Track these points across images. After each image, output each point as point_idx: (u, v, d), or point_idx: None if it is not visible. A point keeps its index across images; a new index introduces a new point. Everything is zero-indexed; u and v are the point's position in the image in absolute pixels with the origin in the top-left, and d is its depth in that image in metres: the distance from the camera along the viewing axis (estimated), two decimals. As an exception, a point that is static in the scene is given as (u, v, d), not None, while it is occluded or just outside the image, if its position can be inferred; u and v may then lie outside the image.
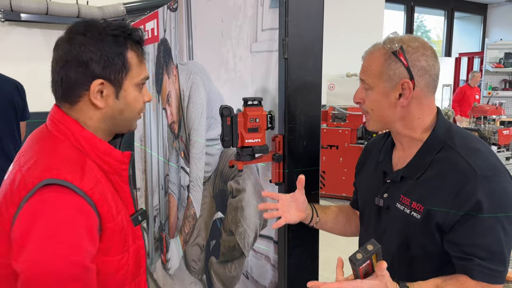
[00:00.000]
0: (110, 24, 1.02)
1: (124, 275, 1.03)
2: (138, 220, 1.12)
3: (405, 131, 1.15)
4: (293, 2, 1.29)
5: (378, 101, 1.12)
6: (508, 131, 5.28)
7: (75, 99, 1.01)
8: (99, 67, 0.99)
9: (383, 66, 1.10)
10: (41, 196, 0.88)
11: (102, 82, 0.99)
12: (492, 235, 1.00)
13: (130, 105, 1.05)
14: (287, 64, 1.30)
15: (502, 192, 1.02)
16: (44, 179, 0.89)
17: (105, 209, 0.96)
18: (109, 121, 1.05)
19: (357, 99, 1.17)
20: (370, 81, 1.12)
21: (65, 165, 0.93)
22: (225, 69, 1.73)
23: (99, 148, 1.02)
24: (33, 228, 0.86)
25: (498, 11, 10.54)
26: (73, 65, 0.98)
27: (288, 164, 1.35)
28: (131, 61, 1.02)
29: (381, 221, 1.21)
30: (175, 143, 2.42)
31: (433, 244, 1.07)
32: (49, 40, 5.12)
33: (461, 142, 1.09)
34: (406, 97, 1.09)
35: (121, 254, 1.02)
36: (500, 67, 8.25)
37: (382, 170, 1.24)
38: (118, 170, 1.06)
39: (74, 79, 0.99)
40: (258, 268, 1.58)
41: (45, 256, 0.84)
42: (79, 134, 1.00)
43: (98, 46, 0.98)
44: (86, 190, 0.92)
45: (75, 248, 0.87)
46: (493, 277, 1.01)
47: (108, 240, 0.97)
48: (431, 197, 1.06)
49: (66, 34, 1.01)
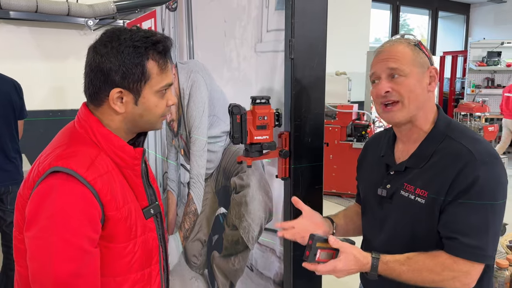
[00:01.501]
0: (135, 34, 1.08)
1: (130, 262, 1.10)
2: (150, 213, 1.18)
3: (421, 122, 1.23)
4: (299, 5, 1.34)
5: (414, 85, 1.18)
6: (493, 127, 5.45)
7: (99, 102, 1.10)
8: (118, 77, 1.06)
9: (413, 54, 1.19)
10: (49, 181, 0.98)
11: (120, 90, 1.07)
12: (481, 216, 1.09)
13: (150, 110, 1.12)
14: (293, 64, 1.36)
15: (496, 178, 1.11)
16: (52, 166, 0.99)
17: (108, 198, 1.03)
18: (130, 123, 1.13)
19: (386, 88, 1.19)
20: (404, 67, 1.18)
21: (74, 156, 1.02)
22: (228, 68, 1.78)
23: (114, 144, 1.09)
24: (39, 209, 0.97)
25: (481, 10, 10.77)
26: (96, 74, 1.07)
27: (294, 160, 1.41)
28: (151, 70, 1.08)
29: (383, 210, 1.29)
30: (174, 141, 2.46)
31: (437, 227, 1.15)
32: (38, 38, 5.12)
33: (461, 134, 1.18)
34: (435, 81, 1.20)
35: (126, 243, 1.09)
36: (483, 66, 8.45)
37: (385, 163, 1.31)
38: (131, 165, 1.13)
39: (97, 86, 1.08)
40: (263, 260, 1.64)
41: (45, 235, 0.95)
42: (97, 130, 1.09)
43: (117, 57, 1.05)
44: (90, 180, 1.00)
45: (73, 231, 0.96)
46: (470, 253, 1.09)
47: (112, 228, 1.05)
48: (434, 183, 1.14)
49: (93, 43, 1.10)
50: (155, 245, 1.20)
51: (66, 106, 5.29)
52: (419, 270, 1.11)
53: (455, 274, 1.10)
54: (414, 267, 1.11)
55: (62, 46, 5.23)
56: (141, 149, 1.16)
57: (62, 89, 5.29)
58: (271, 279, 1.61)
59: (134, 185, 1.14)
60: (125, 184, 1.11)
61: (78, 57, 5.34)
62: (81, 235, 0.97)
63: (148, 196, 1.19)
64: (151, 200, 1.20)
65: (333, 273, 1.14)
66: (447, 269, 1.10)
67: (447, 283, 1.11)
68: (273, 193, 1.55)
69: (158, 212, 1.22)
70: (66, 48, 5.26)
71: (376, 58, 1.24)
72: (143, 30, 1.12)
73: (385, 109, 1.22)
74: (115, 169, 1.09)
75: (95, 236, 1.01)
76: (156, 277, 1.21)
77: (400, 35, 1.26)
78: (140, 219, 1.13)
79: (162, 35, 1.12)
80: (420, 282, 1.12)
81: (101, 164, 1.05)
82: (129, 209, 1.09)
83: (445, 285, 1.11)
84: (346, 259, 1.12)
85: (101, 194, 1.01)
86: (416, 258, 1.13)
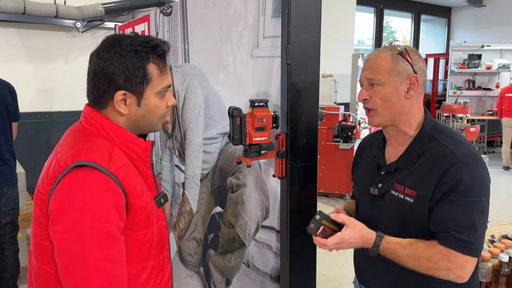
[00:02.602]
0: (135, 40, 1.15)
1: (149, 249, 1.17)
2: (161, 202, 1.26)
3: (403, 127, 1.31)
4: (294, 13, 1.42)
5: (389, 94, 1.28)
6: (474, 128, 5.63)
7: (103, 105, 1.16)
8: (121, 80, 1.12)
9: (392, 63, 1.27)
10: (74, 174, 1.03)
11: (124, 93, 1.13)
12: (467, 212, 1.18)
13: (152, 111, 1.18)
14: (290, 69, 1.44)
15: (479, 177, 1.20)
16: (75, 161, 1.03)
17: (131, 188, 1.09)
18: (133, 124, 1.19)
19: (364, 96, 1.32)
20: (380, 77, 1.28)
21: (94, 150, 1.07)
22: (224, 72, 1.85)
23: (126, 137, 1.15)
24: (68, 201, 1.01)
25: (461, 14, 11.05)
26: (101, 78, 1.12)
27: (290, 160, 1.48)
28: (152, 73, 1.15)
29: (376, 207, 1.37)
30: (168, 142, 2.52)
31: (426, 224, 1.24)
32: (25, 40, 5.10)
33: (446, 136, 1.28)
34: (414, 89, 1.27)
35: (146, 230, 1.15)
36: (464, 68, 8.68)
37: (376, 164, 1.40)
38: (142, 156, 1.19)
39: (102, 90, 1.13)
40: (260, 256, 1.71)
41: (78, 225, 0.99)
42: (107, 126, 1.14)
43: (120, 61, 1.11)
44: (113, 171, 1.05)
45: (103, 219, 1.01)
46: (463, 247, 1.18)
47: (134, 216, 1.11)
48: (421, 183, 1.24)
49: (96, 49, 1.15)
50: (166, 233, 1.28)
51: (54, 108, 5.28)
52: (418, 256, 1.19)
53: (451, 266, 1.18)
54: (414, 252, 1.20)
55: (50, 48, 5.22)
56: (151, 141, 1.23)
57: (50, 91, 5.28)
58: (268, 274, 1.68)
59: (145, 176, 1.21)
60: (138, 175, 1.18)
61: (66, 59, 5.36)
62: (111, 222, 1.02)
63: (157, 186, 1.26)
64: (158, 190, 1.27)
65: (341, 243, 1.22)
66: (444, 260, 1.18)
67: (441, 273, 1.19)
68: (269, 192, 1.63)
69: (167, 201, 1.29)
70: (54, 50, 5.25)
71: (362, 66, 1.36)
72: (142, 36, 1.18)
73: (366, 113, 1.36)
74: (129, 162, 1.15)
75: (121, 224, 1.06)
76: (168, 263, 1.30)
77: (388, 43, 1.35)
78: (154, 208, 1.20)
79: (160, 39, 1.19)
80: (417, 267, 1.21)
81: (118, 157, 1.11)
82: (146, 198, 1.16)
83: (439, 274, 1.20)
84: (352, 231, 1.22)
85: (124, 184, 1.07)
86: (417, 244, 1.21)
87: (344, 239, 1.21)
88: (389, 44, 1.34)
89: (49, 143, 5.24)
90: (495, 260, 1.59)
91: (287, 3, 1.41)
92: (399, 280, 1.33)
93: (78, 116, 1.22)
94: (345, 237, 1.21)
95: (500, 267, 1.55)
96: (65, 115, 5.27)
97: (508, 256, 1.54)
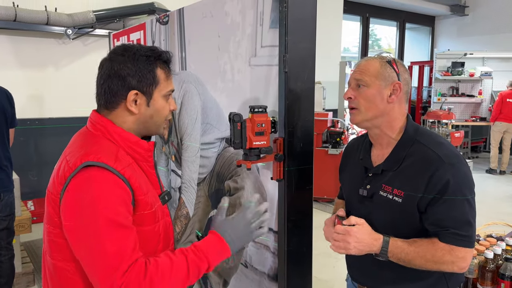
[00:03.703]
0: (143, 47, 1.26)
1: (157, 244, 1.25)
2: (165, 199, 1.34)
3: (386, 129, 1.41)
4: (291, 24, 1.50)
5: (373, 95, 1.38)
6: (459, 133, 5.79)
7: (114, 106, 1.24)
8: (134, 81, 1.21)
9: (380, 68, 1.38)
10: (84, 174, 1.11)
11: (136, 92, 1.22)
12: (460, 209, 1.28)
13: (158, 112, 1.28)
14: (287, 77, 1.52)
15: (464, 176, 1.31)
16: (84, 161, 1.11)
17: (137, 185, 1.17)
18: (141, 124, 1.27)
19: (349, 94, 1.43)
20: (367, 79, 1.39)
21: (100, 152, 1.15)
22: (222, 80, 1.92)
23: (130, 140, 1.24)
24: (79, 199, 1.09)
25: (445, 23, 11.34)
26: (114, 79, 1.21)
27: (288, 163, 1.56)
28: (160, 76, 1.25)
29: (365, 208, 1.45)
30: (164, 147, 2.57)
31: (415, 222, 1.33)
32: (16, 47, 5.12)
33: (427, 138, 1.38)
34: (396, 95, 1.38)
35: (153, 225, 1.23)
36: (448, 75, 8.90)
37: (363, 166, 1.49)
38: (145, 156, 1.28)
39: (115, 90, 1.22)
40: (258, 256, 1.77)
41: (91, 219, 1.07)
42: (112, 130, 1.23)
43: (134, 64, 1.21)
44: (120, 170, 1.14)
45: (113, 211, 1.08)
46: (461, 241, 1.28)
47: (142, 211, 1.19)
48: (409, 183, 1.32)
49: (108, 55, 1.25)
50: (171, 228, 1.36)
51: (44, 115, 5.28)
52: (423, 252, 1.28)
53: (454, 259, 1.27)
54: (419, 249, 1.28)
55: (40, 55, 5.24)
56: (153, 142, 1.31)
57: (40, 98, 5.29)
58: (266, 274, 1.74)
59: (149, 175, 1.29)
60: (143, 174, 1.26)
61: (56, 66, 5.38)
62: (120, 213, 1.09)
63: (160, 184, 1.34)
64: (162, 188, 1.35)
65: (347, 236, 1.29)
66: (447, 254, 1.27)
67: (446, 267, 1.29)
68: (267, 194, 1.70)
69: (170, 198, 1.36)
70: (45, 57, 5.28)
71: (353, 70, 1.47)
72: (147, 46, 1.29)
73: (350, 111, 1.47)
74: (134, 162, 1.23)
75: (131, 218, 1.14)
76: None
77: (377, 55, 1.46)
78: (159, 205, 1.28)
79: (162, 50, 1.29)
80: (423, 263, 1.28)
81: (123, 157, 1.19)
82: (151, 195, 1.24)
83: (444, 268, 1.29)
84: (361, 229, 1.29)
85: (130, 181, 1.15)
86: (420, 242, 1.30)
87: (351, 232, 1.28)
88: (379, 54, 1.45)
89: (39, 149, 5.24)
90: (481, 257, 1.67)
91: (284, 14, 1.49)
92: (390, 275, 1.41)
93: (68, 122, 1.31)
94: (352, 230, 1.29)
95: (486, 264, 1.64)
96: (55, 121, 5.29)
97: (493, 253, 1.63)
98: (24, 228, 3.36)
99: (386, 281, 1.44)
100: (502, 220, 2.32)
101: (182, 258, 1.16)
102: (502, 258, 1.63)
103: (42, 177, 5.16)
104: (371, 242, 1.30)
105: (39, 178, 5.19)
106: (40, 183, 5.12)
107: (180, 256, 1.17)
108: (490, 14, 10.20)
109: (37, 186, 5.11)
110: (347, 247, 1.30)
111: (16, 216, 3.04)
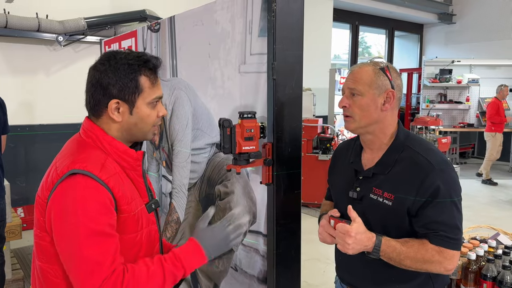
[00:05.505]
0: (129, 55, 1.27)
1: (138, 251, 1.28)
2: (152, 208, 1.36)
3: (379, 135, 1.45)
4: (279, 33, 1.55)
5: (367, 104, 1.40)
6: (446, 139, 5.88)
7: (99, 113, 1.27)
8: (115, 90, 1.24)
9: (374, 77, 1.40)
10: (69, 181, 1.14)
11: (117, 101, 1.25)
12: (449, 213, 1.33)
13: (142, 120, 1.29)
14: (275, 84, 1.56)
15: (452, 181, 1.36)
16: (70, 169, 1.15)
17: (120, 194, 1.20)
18: (125, 131, 1.30)
19: (344, 103, 1.44)
20: (361, 88, 1.40)
21: (88, 160, 1.18)
22: (212, 86, 1.96)
23: (118, 148, 1.26)
24: (62, 206, 1.13)
25: (432, 30, 11.52)
26: (97, 88, 1.25)
27: (276, 168, 1.60)
28: (143, 84, 1.27)
29: (356, 210, 1.49)
30: (155, 153, 2.60)
31: (405, 225, 1.37)
32: (7, 54, 5.11)
33: (418, 144, 1.42)
34: (390, 103, 1.41)
35: (135, 233, 1.26)
36: (436, 82, 9.04)
37: (354, 169, 1.52)
38: (133, 165, 1.30)
39: (98, 99, 1.25)
40: (247, 260, 1.81)
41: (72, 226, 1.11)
42: (102, 138, 1.26)
43: (115, 73, 1.24)
44: (104, 179, 1.16)
45: (95, 219, 1.12)
46: (450, 244, 1.32)
47: (124, 220, 1.22)
48: (400, 187, 1.36)
49: (94, 63, 1.28)
50: (157, 236, 1.37)
51: (34, 121, 5.27)
52: (414, 253, 1.31)
53: (442, 260, 1.32)
54: (410, 250, 1.32)
55: (31, 61, 5.23)
56: (141, 151, 1.33)
57: (31, 104, 5.27)
58: (255, 277, 1.78)
59: (137, 183, 1.31)
60: (130, 183, 1.28)
61: (47, 73, 5.38)
62: (101, 221, 1.12)
63: (148, 193, 1.36)
64: (151, 196, 1.37)
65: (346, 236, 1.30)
66: (437, 255, 1.31)
67: (434, 267, 1.33)
68: (256, 198, 1.73)
69: (158, 207, 1.38)
70: (36, 64, 5.27)
71: (346, 77, 1.49)
72: (136, 52, 1.31)
73: (344, 118, 1.49)
74: (121, 171, 1.26)
75: (113, 223, 1.16)
76: None
77: (371, 60, 1.49)
78: (144, 213, 1.30)
79: (152, 55, 1.31)
80: (413, 264, 1.32)
81: (110, 166, 1.22)
82: (136, 204, 1.26)
83: (432, 269, 1.33)
84: (358, 227, 1.31)
85: (114, 190, 1.17)
86: (411, 243, 1.33)
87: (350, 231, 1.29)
88: (372, 59, 1.49)
89: (28, 156, 5.22)
90: (464, 259, 1.72)
91: (272, 23, 1.54)
92: (378, 276, 1.44)
93: (58, 129, 1.33)
94: (351, 228, 1.30)
95: (469, 265, 1.68)
96: (45, 128, 5.27)
97: (475, 255, 1.68)
98: (15, 234, 3.35)
99: (375, 282, 1.48)
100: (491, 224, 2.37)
101: (158, 266, 1.21)
102: (484, 259, 1.68)
103: (32, 184, 5.13)
104: (366, 240, 1.32)
105: (28, 184, 5.17)
106: (29, 190, 5.09)
107: (157, 264, 1.22)
108: (477, 22, 10.39)
109: (27, 193, 5.08)
110: (346, 247, 1.32)
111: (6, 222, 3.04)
